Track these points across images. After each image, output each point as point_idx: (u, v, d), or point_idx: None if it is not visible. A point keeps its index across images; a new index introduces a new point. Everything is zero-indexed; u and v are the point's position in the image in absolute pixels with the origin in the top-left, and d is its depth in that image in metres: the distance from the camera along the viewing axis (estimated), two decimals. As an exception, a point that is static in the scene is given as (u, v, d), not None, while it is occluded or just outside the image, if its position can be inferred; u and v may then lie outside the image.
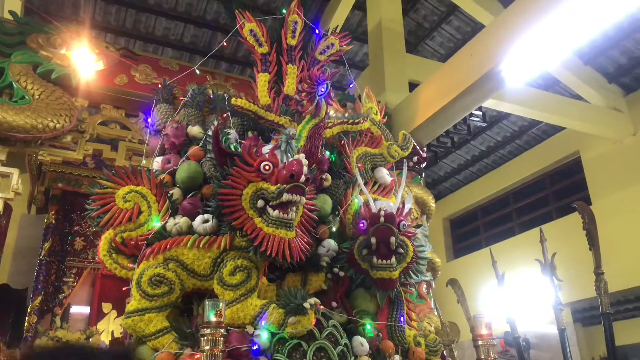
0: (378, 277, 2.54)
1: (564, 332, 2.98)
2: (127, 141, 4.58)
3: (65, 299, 6.82)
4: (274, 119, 2.86)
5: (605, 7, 4.16)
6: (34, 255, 6.71)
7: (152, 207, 2.50)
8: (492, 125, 9.04)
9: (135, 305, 2.27)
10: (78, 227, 7.20)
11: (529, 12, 4.17)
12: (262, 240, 2.25)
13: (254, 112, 2.82)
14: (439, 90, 5.06)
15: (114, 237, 2.42)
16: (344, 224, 2.82)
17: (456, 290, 3.74)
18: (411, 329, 2.75)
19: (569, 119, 7.03)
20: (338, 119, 3.19)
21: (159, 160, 2.80)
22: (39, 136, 3.79)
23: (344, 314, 2.57)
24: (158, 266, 2.30)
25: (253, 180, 2.32)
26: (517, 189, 9.81)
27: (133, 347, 2.30)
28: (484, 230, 10.48)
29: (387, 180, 3.12)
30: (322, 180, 2.89)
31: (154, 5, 7.77)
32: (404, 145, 3.31)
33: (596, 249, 2.90)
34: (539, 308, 7.47)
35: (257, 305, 2.29)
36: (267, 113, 2.85)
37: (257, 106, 2.83)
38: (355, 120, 3.16)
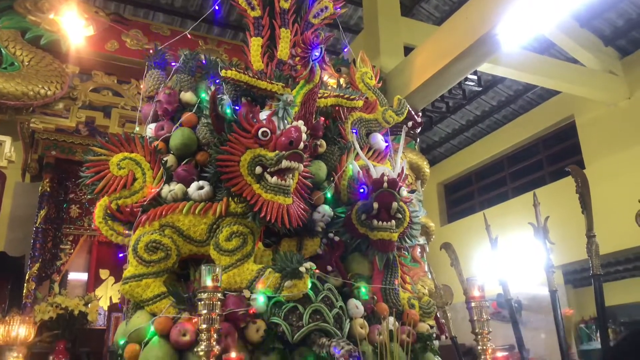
0: (378, 239, 2.56)
1: (555, 293, 3.03)
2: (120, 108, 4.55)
3: (62, 266, 6.87)
4: (266, 87, 2.83)
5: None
6: (30, 223, 6.72)
7: (147, 174, 2.50)
8: (487, 90, 8.99)
9: (132, 271, 2.29)
10: (73, 194, 7.19)
11: (525, -26, 4.11)
12: (261, 206, 2.26)
13: (246, 82, 2.79)
14: (434, 54, 5.01)
15: (109, 204, 2.42)
16: (339, 189, 2.84)
17: (450, 254, 3.76)
18: (405, 292, 2.80)
19: (564, 82, 7.00)
20: (333, 92, 3.16)
21: (152, 127, 2.78)
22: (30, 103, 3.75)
23: (339, 277, 2.61)
24: (154, 232, 2.32)
25: (251, 146, 2.32)
26: (511, 153, 9.82)
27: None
28: (478, 194, 10.55)
29: (382, 146, 3.12)
30: (316, 147, 2.88)
31: (143, -32, 7.59)
32: (399, 111, 3.30)
33: (588, 212, 2.92)
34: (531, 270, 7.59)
35: (254, 269, 2.33)
36: (258, 82, 2.81)
37: (248, 76, 2.79)
38: (350, 97, 3.12)
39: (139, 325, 2.20)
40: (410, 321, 2.52)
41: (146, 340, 2.16)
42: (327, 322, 2.29)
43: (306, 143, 2.42)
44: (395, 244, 2.61)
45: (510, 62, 6.14)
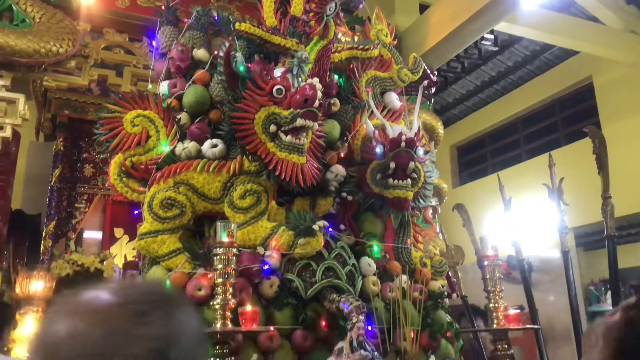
0: (394, 197, 2.55)
1: (568, 254, 3.04)
2: (132, 66, 4.51)
3: (77, 224, 6.98)
4: (280, 42, 2.79)
5: None
6: (44, 182, 6.79)
7: (160, 132, 2.49)
8: (503, 50, 8.79)
9: (147, 228, 2.32)
10: (87, 154, 7.23)
11: None
12: (276, 165, 2.26)
13: (259, 37, 2.74)
14: (451, 13, 4.89)
15: (123, 161, 2.43)
16: (352, 149, 2.82)
17: (462, 215, 3.77)
18: (417, 251, 2.82)
19: (583, 42, 6.82)
20: (347, 44, 3.11)
21: (164, 84, 2.76)
22: (42, 61, 3.72)
23: (352, 236, 2.63)
24: (169, 190, 2.34)
25: (265, 104, 2.30)
26: (526, 115, 9.68)
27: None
28: (490, 156, 10.47)
29: (397, 105, 3.09)
30: (330, 105, 2.85)
31: None
32: (414, 69, 3.24)
33: (605, 173, 2.90)
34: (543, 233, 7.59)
35: (268, 227, 2.35)
36: (272, 37, 2.77)
37: (262, 30, 2.75)
38: (365, 47, 3.06)
39: (155, 280, 2.24)
40: (422, 279, 2.54)
41: (162, 294, 2.19)
42: (339, 279, 2.32)
43: (321, 101, 2.39)
44: (410, 202, 2.61)
45: (528, 21, 5.97)
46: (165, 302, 0.77)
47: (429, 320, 2.49)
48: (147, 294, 0.78)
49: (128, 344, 0.70)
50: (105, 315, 0.73)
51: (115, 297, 0.76)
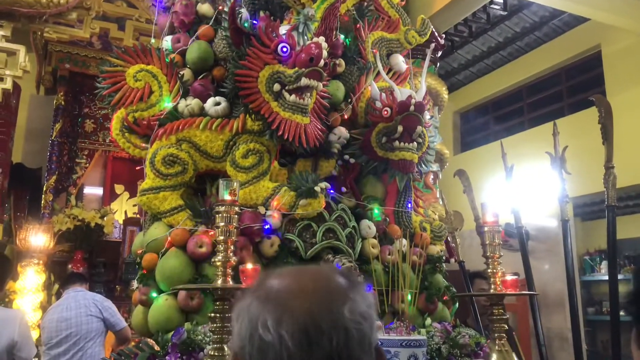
0: (400, 159, 2.54)
1: (567, 223, 3.05)
2: (134, 20, 4.44)
3: (78, 179, 7.00)
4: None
5: None
6: (45, 136, 6.78)
7: (163, 87, 2.46)
8: (511, 15, 8.61)
9: (149, 184, 2.32)
10: (88, 109, 7.20)
11: None
12: (279, 124, 2.24)
13: None
14: (461, -26, 4.78)
15: (125, 117, 2.41)
16: (356, 111, 2.79)
17: (463, 181, 3.77)
18: (417, 215, 2.83)
19: (594, 9, 6.67)
20: None
21: (168, 39, 2.71)
22: (43, 11, 3.65)
23: (353, 199, 2.63)
24: (171, 146, 2.32)
25: (269, 62, 2.26)
26: (531, 83, 9.56)
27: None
28: (494, 124, 10.40)
29: (403, 68, 3.04)
30: (335, 66, 2.81)
31: None
32: (421, 31, 3.18)
33: (609, 143, 2.88)
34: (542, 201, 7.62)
35: (269, 187, 2.35)
36: None
37: None
38: None
39: (157, 236, 2.25)
40: (421, 243, 2.56)
41: (163, 250, 2.22)
42: (339, 240, 2.34)
43: (326, 61, 2.35)
44: (415, 165, 2.60)
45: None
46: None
47: (427, 284, 2.52)
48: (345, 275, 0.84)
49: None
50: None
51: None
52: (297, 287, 0.78)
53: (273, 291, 0.78)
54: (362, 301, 0.79)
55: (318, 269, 0.87)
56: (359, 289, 0.81)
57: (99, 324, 3.77)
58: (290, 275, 0.82)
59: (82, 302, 3.78)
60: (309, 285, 0.78)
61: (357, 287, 0.81)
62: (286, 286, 0.79)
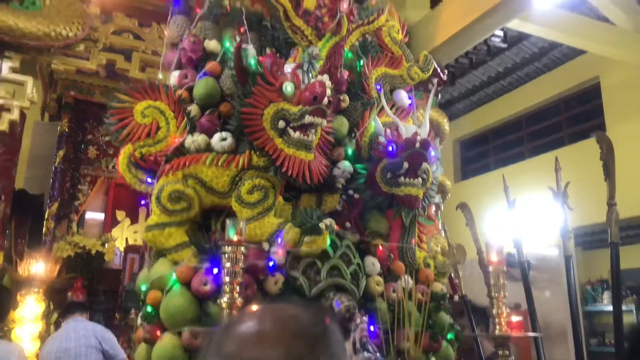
0: (406, 194, 2.55)
1: (570, 259, 3.05)
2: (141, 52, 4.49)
3: (80, 206, 7.00)
4: (300, 26, 2.77)
5: None
6: (49, 163, 6.81)
7: (171, 123, 2.49)
8: (511, 46, 8.74)
9: (155, 220, 2.33)
10: (91, 135, 7.24)
11: None
12: (283, 161, 2.26)
13: (285, 10, 2.72)
14: (462, 9, 4.86)
15: (133, 152, 2.43)
16: (360, 146, 2.82)
17: (466, 214, 3.77)
18: (421, 251, 2.83)
19: (593, 42, 6.77)
20: (353, 24, 3.07)
21: (176, 74, 2.75)
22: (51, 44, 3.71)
23: (357, 234, 2.64)
24: (177, 182, 2.34)
25: (274, 100, 2.30)
26: (531, 112, 9.65)
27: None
28: (494, 153, 10.45)
29: (406, 103, 3.08)
30: (339, 101, 2.85)
31: None
32: (424, 67, 3.23)
33: (611, 179, 2.89)
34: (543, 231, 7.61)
35: (274, 223, 2.35)
36: (296, 17, 2.76)
37: (290, 4, 2.73)
38: (371, 19, 3.05)
39: (161, 273, 2.25)
40: (425, 280, 2.55)
41: (168, 287, 2.21)
42: (344, 278, 2.33)
43: (330, 98, 2.39)
44: (421, 201, 2.62)
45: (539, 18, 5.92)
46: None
47: (431, 322, 2.51)
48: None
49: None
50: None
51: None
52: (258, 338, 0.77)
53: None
54: (333, 345, 0.78)
55: (283, 319, 0.85)
56: (325, 335, 0.80)
57: (99, 355, 3.74)
58: (253, 324, 0.80)
59: (81, 333, 3.75)
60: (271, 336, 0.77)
61: (324, 335, 0.80)
62: (248, 340, 0.78)
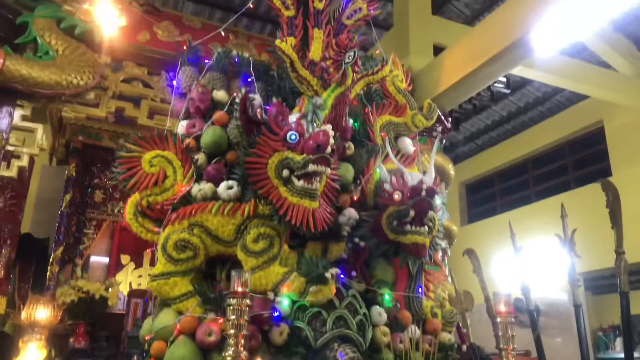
0: (412, 242, 2.53)
1: (580, 308, 3.00)
2: (150, 100, 4.58)
3: (85, 250, 6.98)
4: (306, 76, 2.83)
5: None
6: (55, 206, 6.83)
7: (178, 172, 2.51)
8: (514, 91, 8.86)
9: (160, 269, 2.32)
10: (98, 179, 7.28)
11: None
12: (287, 210, 2.26)
13: (292, 61, 2.78)
14: (465, 56, 4.95)
15: (140, 201, 2.45)
16: (365, 193, 2.82)
17: (473, 261, 3.74)
18: (428, 300, 2.79)
19: (595, 87, 6.87)
20: (357, 74, 3.13)
21: (184, 124, 2.80)
22: (62, 92, 3.80)
23: (363, 283, 2.61)
24: (183, 231, 2.34)
25: (279, 149, 2.32)
26: (536, 156, 9.69)
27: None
28: (500, 196, 10.44)
29: (410, 151, 3.11)
30: (344, 149, 2.87)
31: (175, -43, 7.60)
32: (428, 115, 3.27)
33: (618, 227, 2.88)
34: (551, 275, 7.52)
35: (279, 272, 2.33)
36: (302, 68, 2.82)
37: (297, 56, 2.79)
38: (375, 70, 3.10)
39: (166, 323, 2.23)
40: (433, 331, 2.51)
41: (172, 338, 2.19)
42: (350, 328, 2.30)
43: (333, 147, 2.39)
44: (427, 249, 2.60)
45: (541, 65, 6.03)
46: None
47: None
48: None
49: None
50: None
51: None
52: None
53: None
54: None
55: None
56: None
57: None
58: None
59: (83, 382, 3.68)
60: None
61: None
62: None
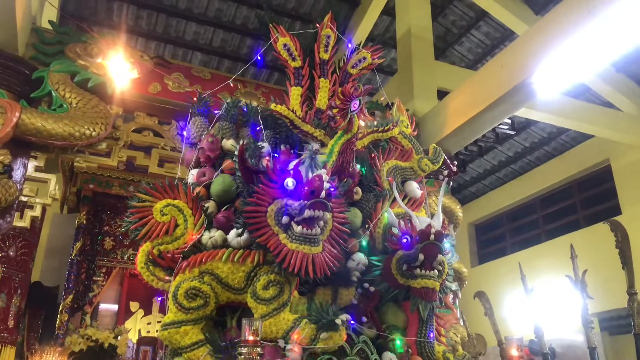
0: (422, 287, 2.53)
1: (595, 351, 2.96)
2: (160, 148, 4.67)
3: (94, 298, 6.98)
4: (309, 130, 2.89)
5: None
6: (65, 254, 6.88)
7: (188, 221, 2.55)
8: (520, 131, 8.94)
9: (171, 318, 2.33)
10: (108, 227, 7.36)
11: (562, 24, 4.12)
12: (285, 257, 2.28)
13: (291, 120, 2.85)
14: (469, 100, 5.04)
15: (151, 250, 2.48)
16: (374, 237, 2.84)
17: (484, 303, 3.73)
18: (440, 345, 2.76)
19: (600, 127, 6.92)
20: (368, 128, 3.21)
21: (194, 172, 2.86)
22: (75, 143, 3.89)
23: (374, 328, 2.59)
24: (194, 279, 2.36)
25: (278, 196, 2.36)
26: (545, 195, 9.68)
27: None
28: (509, 236, 10.38)
29: (418, 194, 3.13)
30: (352, 194, 2.91)
31: (184, 11, 7.88)
32: (434, 159, 3.32)
33: (629, 267, 2.87)
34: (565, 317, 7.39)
35: (290, 319, 2.33)
36: (303, 123, 2.88)
37: (294, 115, 2.86)
38: (385, 128, 3.17)
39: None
40: (445, 376, 2.48)
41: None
42: (361, 376, 2.28)
43: (330, 191, 2.40)
44: (437, 293, 2.59)
45: (545, 106, 6.11)
46: None
47: (453, 422, 2.41)
48: None
49: None
50: None
51: None
52: None
53: None
54: None
55: None
56: None
57: None
58: None
59: None
60: None
61: None
62: None
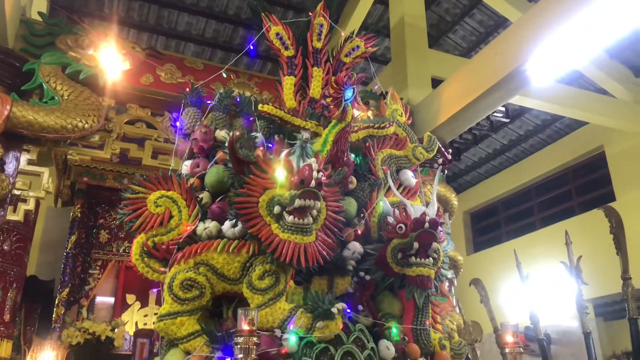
0: (417, 275, 2.53)
1: (589, 335, 2.98)
2: (153, 140, 4.64)
3: (91, 291, 6.98)
4: (300, 124, 2.88)
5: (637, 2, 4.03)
6: (60, 248, 6.85)
7: (183, 212, 2.54)
8: (514, 119, 8.95)
9: (167, 309, 2.32)
10: (103, 220, 7.35)
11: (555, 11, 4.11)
12: (276, 247, 2.28)
13: (280, 118, 2.84)
14: (463, 88, 5.03)
15: (145, 241, 2.47)
16: (369, 226, 2.84)
17: (479, 291, 3.74)
18: (436, 332, 2.77)
19: (594, 113, 6.94)
20: (364, 123, 3.20)
21: (187, 164, 2.84)
22: (68, 136, 3.87)
23: (370, 317, 2.60)
24: (189, 270, 2.35)
25: (269, 187, 2.35)
26: (539, 183, 9.71)
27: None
28: (504, 224, 10.42)
29: (412, 183, 3.13)
30: (347, 183, 2.90)
31: (176, 1, 7.82)
32: (429, 147, 3.32)
33: (623, 253, 2.89)
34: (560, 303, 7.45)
35: (286, 309, 2.33)
36: (292, 118, 2.88)
37: (283, 111, 2.85)
38: (381, 125, 3.16)
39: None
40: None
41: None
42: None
43: (320, 180, 2.38)
44: (432, 281, 2.60)
45: (539, 93, 6.11)
46: None
47: (449, 408, 2.43)
48: None
49: None
50: None
51: None
52: None
53: None
54: None
55: None
56: None
57: None
58: None
59: None
60: None
61: None
62: None
